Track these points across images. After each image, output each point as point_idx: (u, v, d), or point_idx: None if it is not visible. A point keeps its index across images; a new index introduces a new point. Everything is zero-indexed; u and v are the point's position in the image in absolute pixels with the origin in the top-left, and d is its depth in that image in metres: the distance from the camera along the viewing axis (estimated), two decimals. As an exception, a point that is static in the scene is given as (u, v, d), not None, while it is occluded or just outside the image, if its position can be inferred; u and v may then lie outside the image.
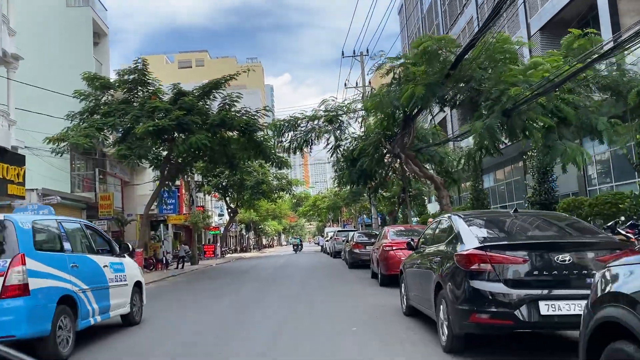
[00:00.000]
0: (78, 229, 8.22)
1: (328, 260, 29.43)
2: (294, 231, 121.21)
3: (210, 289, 15.83)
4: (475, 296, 5.23)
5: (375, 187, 27.50)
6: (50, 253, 7.00)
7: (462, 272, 5.41)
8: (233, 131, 24.81)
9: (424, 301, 6.98)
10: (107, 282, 8.18)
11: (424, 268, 7.01)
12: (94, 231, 8.77)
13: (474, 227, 5.99)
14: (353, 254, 20.19)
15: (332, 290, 13.54)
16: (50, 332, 6.45)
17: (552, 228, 6.19)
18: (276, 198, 47.52)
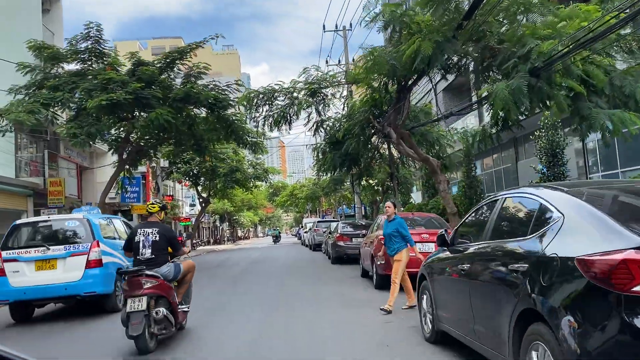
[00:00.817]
0: (120, 223, 11.58)
1: (307, 254, 26.62)
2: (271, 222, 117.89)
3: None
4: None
5: (359, 173, 24.72)
6: (109, 240, 9.94)
7: (607, 298, 2.60)
8: (200, 107, 21.71)
9: (481, 335, 4.18)
10: None
11: (482, 280, 4.19)
12: (127, 224, 12.02)
13: (604, 210, 3.13)
14: (337, 247, 17.41)
15: (316, 294, 10.77)
16: (113, 290, 9.57)
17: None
18: (252, 187, 44.42)
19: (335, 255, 17.63)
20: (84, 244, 9.25)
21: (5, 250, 9.34)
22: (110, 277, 9.42)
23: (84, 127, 20.20)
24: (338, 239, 17.38)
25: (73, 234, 9.54)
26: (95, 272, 9.13)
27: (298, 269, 16.80)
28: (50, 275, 9.07)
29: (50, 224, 10.01)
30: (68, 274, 9.08)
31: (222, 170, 40.66)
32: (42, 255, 9.19)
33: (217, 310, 9.27)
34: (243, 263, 21.36)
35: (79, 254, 9.15)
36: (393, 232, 8.57)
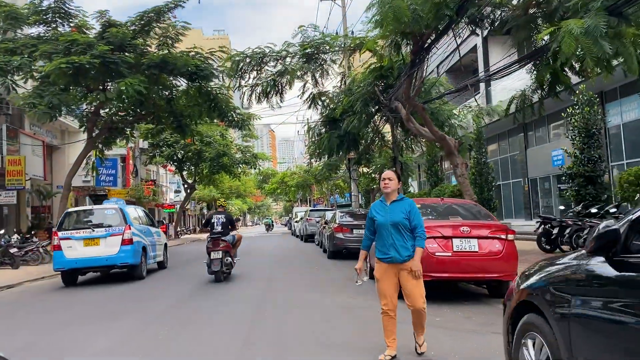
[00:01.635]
0: (142, 212, 15.07)
1: (299, 245, 23.83)
2: (260, 211, 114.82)
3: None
4: None
5: (358, 157, 21.95)
6: (137, 225, 12.87)
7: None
8: (178, 78, 18.75)
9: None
10: (155, 241, 14.28)
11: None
12: (147, 213, 15.67)
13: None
14: (335, 239, 14.66)
15: (320, 305, 7.99)
16: (140, 262, 12.41)
17: None
18: (239, 173, 41.51)
19: (332, 249, 14.87)
20: (119, 227, 12.03)
21: (61, 231, 12.11)
22: (138, 252, 12.36)
23: (45, 97, 17.24)
24: (337, 230, 14.62)
25: (111, 219, 12.33)
26: (128, 248, 11.94)
27: (289, 267, 13.97)
28: (95, 250, 11.85)
29: (94, 211, 13.42)
30: (108, 249, 11.85)
31: (208, 154, 37.75)
32: (88, 234, 12.00)
33: (178, 334, 6.47)
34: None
35: (116, 234, 11.93)
36: (400, 221, 4.71)
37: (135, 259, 12.18)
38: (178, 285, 11.31)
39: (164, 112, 21.45)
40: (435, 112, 17.85)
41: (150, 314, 7.90)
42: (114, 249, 11.86)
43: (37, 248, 18.17)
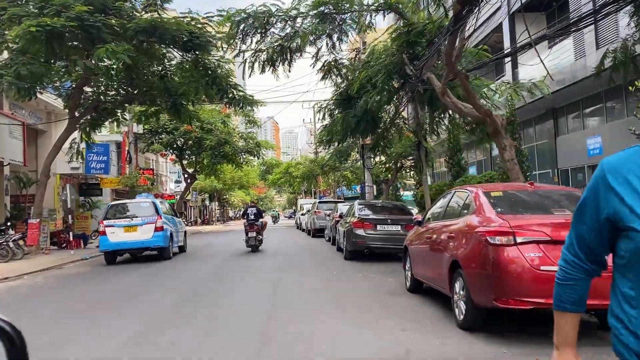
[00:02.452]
0: (168, 205, 19.35)
1: (307, 242, 21.10)
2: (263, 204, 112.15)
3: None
4: None
5: (375, 142, 19.20)
6: (165, 215, 15.38)
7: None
8: (170, 46, 16.03)
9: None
10: (178, 229, 16.88)
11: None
12: (171, 206, 21.18)
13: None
14: (355, 237, 11.94)
15: (359, 348, 5.16)
16: (168, 245, 14.92)
17: None
18: (242, 163, 38.81)
19: (351, 248, 12.13)
20: (152, 217, 14.63)
21: (106, 220, 14.76)
22: (167, 237, 14.97)
23: (13, 67, 14.59)
24: (356, 226, 11.89)
25: (146, 210, 14.98)
26: (159, 234, 14.54)
27: (300, 270, 11.08)
28: (133, 235, 14.47)
29: (132, 204, 16.07)
30: (144, 235, 14.49)
31: (208, 142, 35.05)
32: (128, 223, 14.62)
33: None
34: (223, 254, 15.86)
35: (150, 222, 14.53)
36: None
37: (165, 242, 14.86)
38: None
39: (157, 90, 18.77)
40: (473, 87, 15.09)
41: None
42: (148, 234, 14.47)
43: (7, 242, 15.55)
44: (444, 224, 6.06)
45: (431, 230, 6.50)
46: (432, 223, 6.74)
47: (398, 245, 11.71)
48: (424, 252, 6.73)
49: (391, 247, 11.84)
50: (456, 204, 6.19)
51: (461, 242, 5.30)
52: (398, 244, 11.73)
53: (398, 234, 11.78)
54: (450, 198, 6.33)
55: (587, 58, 20.24)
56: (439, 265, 5.92)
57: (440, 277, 5.92)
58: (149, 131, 35.29)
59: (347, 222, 12.78)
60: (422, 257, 6.80)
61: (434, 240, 6.22)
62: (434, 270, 6.20)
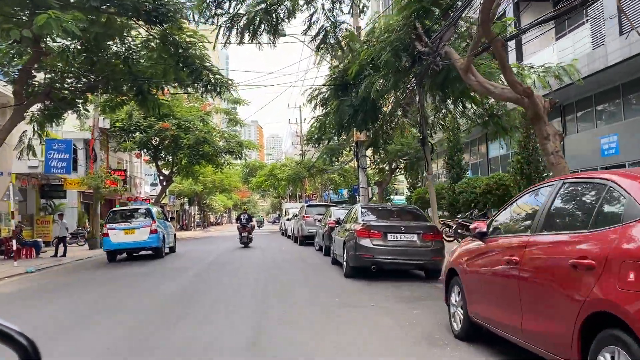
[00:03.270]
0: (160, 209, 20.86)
1: (295, 251, 18.31)
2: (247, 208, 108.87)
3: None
4: None
5: (373, 137, 16.61)
6: (158, 219, 17.25)
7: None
8: (133, 18, 13.26)
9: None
10: (169, 232, 18.86)
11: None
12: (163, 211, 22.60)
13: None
14: (360, 249, 9.26)
15: None
16: (161, 246, 16.70)
17: None
18: (222, 164, 35.94)
19: (355, 263, 9.41)
20: (148, 221, 16.59)
21: (108, 223, 16.86)
22: (160, 239, 16.76)
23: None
24: (361, 235, 9.19)
25: (143, 215, 17.07)
26: (154, 236, 16.38)
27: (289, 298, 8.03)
28: (132, 237, 16.34)
29: (131, 210, 18.55)
30: (141, 237, 16.33)
31: (185, 141, 32.12)
32: (127, 226, 16.59)
33: None
34: (193, 270, 12.95)
35: (146, 226, 16.44)
36: None
37: (158, 243, 16.57)
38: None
39: (121, 74, 15.99)
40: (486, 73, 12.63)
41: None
42: (144, 236, 16.27)
43: None
44: (552, 240, 3.45)
45: (515, 248, 3.88)
46: (511, 237, 4.13)
47: (414, 259, 9.09)
48: (498, 284, 4.10)
49: (406, 263, 9.24)
50: (576, 205, 3.59)
51: (616, 275, 2.68)
52: (414, 258, 9.12)
53: (414, 245, 9.18)
54: (553, 197, 3.65)
55: (607, 46, 18.01)
56: (547, 313, 3.30)
57: (550, 335, 3.30)
58: (120, 129, 32.31)
59: (348, 229, 10.09)
60: (495, 292, 4.17)
61: (529, 266, 3.59)
62: (529, 319, 3.56)
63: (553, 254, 3.38)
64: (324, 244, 14.97)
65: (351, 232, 9.75)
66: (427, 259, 9.10)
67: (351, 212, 11.14)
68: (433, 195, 15.10)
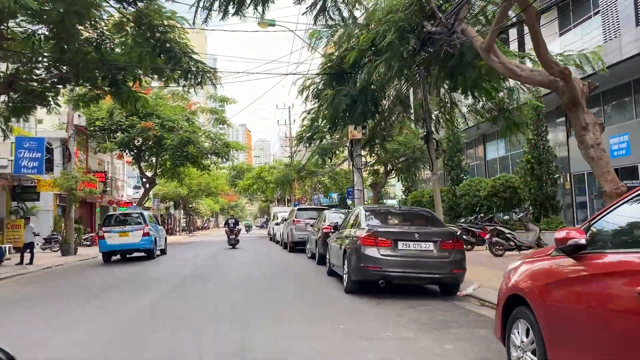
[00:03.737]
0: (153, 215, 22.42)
1: (285, 259, 16.63)
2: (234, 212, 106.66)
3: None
4: None
5: (371, 134, 15.07)
6: (151, 223, 18.42)
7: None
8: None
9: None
10: (160, 235, 19.88)
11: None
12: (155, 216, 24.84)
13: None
14: (365, 259, 7.64)
15: None
16: (152, 248, 17.86)
17: None
18: (208, 166, 34.19)
19: (359, 277, 7.78)
20: (141, 224, 17.62)
21: (104, 227, 17.82)
22: (152, 241, 17.88)
23: None
24: (367, 243, 7.59)
25: (136, 219, 18.01)
26: (146, 238, 17.45)
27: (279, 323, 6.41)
28: (126, 239, 17.33)
29: (125, 214, 19.54)
30: (134, 239, 17.35)
31: (169, 142, 30.36)
32: (122, 229, 17.47)
33: None
34: (169, 282, 11.25)
35: (139, 229, 17.47)
36: None
37: (151, 245, 17.82)
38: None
39: (93, 63, 14.30)
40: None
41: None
42: (137, 238, 17.43)
43: None
44: None
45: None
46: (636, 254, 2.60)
47: (431, 273, 7.56)
48: (615, 327, 2.56)
49: (420, 277, 7.68)
50: None
51: None
52: (431, 271, 7.57)
53: (430, 255, 7.62)
54: None
55: (622, 38, 16.70)
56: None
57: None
58: (101, 128, 30.46)
59: (350, 236, 8.50)
60: (608, 339, 2.63)
61: None
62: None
63: None
64: (318, 251, 13.37)
65: (353, 240, 8.15)
66: (446, 272, 7.55)
67: (351, 216, 9.54)
68: (438, 198, 13.59)
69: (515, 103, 13.39)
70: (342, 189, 38.37)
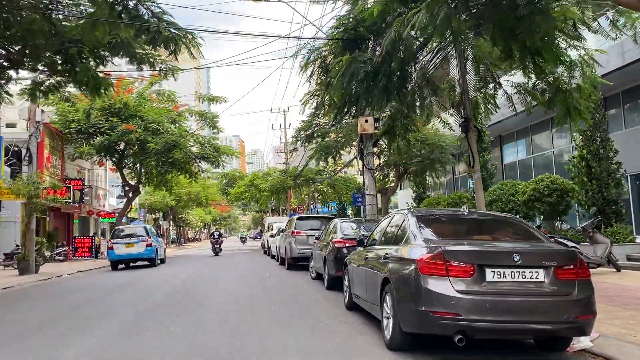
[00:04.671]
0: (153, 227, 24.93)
1: (283, 281, 13.16)
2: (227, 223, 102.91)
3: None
4: None
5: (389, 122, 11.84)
6: (153, 235, 20.84)
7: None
8: None
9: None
10: (161, 245, 22.52)
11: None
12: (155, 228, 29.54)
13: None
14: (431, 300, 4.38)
15: None
16: (155, 257, 20.25)
17: None
18: (196, 172, 30.88)
19: (415, 327, 4.44)
20: (145, 237, 19.92)
21: (112, 239, 20.12)
22: (154, 251, 20.11)
23: None
24: (430, 271, 4.36)
25: (140, 232, 20.28)
26: (150, 248, 19.73)
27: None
28: (132, 249, 19.50)
29: (131, 228, 22.19)
30: (139, 249, 19.55)
31: (153, 145, 27.06)
32: (128, 240, 19.63)
33: None
34: (122, 318, 7.92)
35: (143, 241, 19.68)
36: None
37: (153, 255, 20.11)
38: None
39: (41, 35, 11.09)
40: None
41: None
42: (142, 249, 19.66)
43: None
44: None
45: None
46: None
47: (541, 322, 4.32)
48: None
49: (526, 328, 4.42)
50: None
51: None
52: (541, 320, 4.34)
53: (540, 292, 4.41)
54: None
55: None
56: None
57: None
58: (77, 131, 27.12)
59: (394, 258, 5.22)
60: None
61: None
62: None
63: None
64: (327, 272, 10.08)
65: (402, 264, 4.90)
66: (568, 318, 4.33)
67: (390, 225, 6.24)
68: (482, 201, 10.36)
69: (580, 82, 10.29)
70: (342, 198, 35.10)
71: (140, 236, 19.78)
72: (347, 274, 7.56)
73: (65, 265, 22.71)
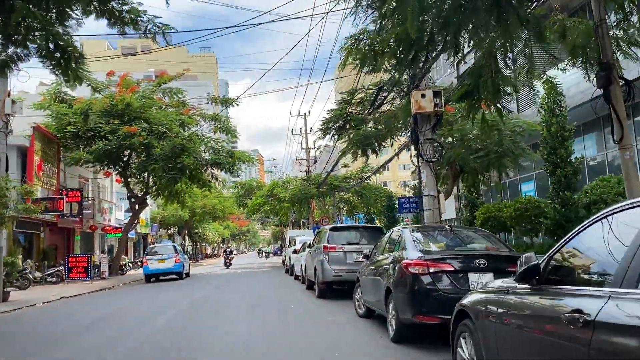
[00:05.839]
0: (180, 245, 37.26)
1: (312, 314, 9.11)
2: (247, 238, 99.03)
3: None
4: None
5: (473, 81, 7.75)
6: (181, 253, 24.66)
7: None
8: None
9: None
10: (186, 261, 25.67)
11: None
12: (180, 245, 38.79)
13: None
14: None
15: None
16: (182, 271, 23.29)
17: None
18: (209, 181, 27.12)
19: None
20: (174, 253, 22.93)
21: (147, 256, 23.32)
22: (182, 266, 23.07)
23: None
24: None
25: (170, 250, 23.40)
26: (179, 264, 22.65)
27: None
28: (163, 265, 22.38)
29: (162, 246, 25.18)
30: (169, 265, 22.42)
31: (158, 150, 23.40)
32: (159, 257, 22.63)
33: None
34: None
35: (173, 257, 22.63)
36: None
37: (182, 269, 22.94)
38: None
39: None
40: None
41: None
42: (172, 264, 22.39)
43: None
44: None
45: None
46: None
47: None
48: None
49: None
50: None
51: None
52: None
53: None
54: None
55: None
56: None
57: None
58: (74, 135, 23.64)
59: None
60: None
61: None
62: None
63: None
64: (395, 311, 5.98)
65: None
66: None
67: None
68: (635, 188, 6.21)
69: None
70: (371, 208, 30.92)
71: (170, 253, 22.98)
72: (477, 336, 3.46)
73: (57, 288, 19.06)
